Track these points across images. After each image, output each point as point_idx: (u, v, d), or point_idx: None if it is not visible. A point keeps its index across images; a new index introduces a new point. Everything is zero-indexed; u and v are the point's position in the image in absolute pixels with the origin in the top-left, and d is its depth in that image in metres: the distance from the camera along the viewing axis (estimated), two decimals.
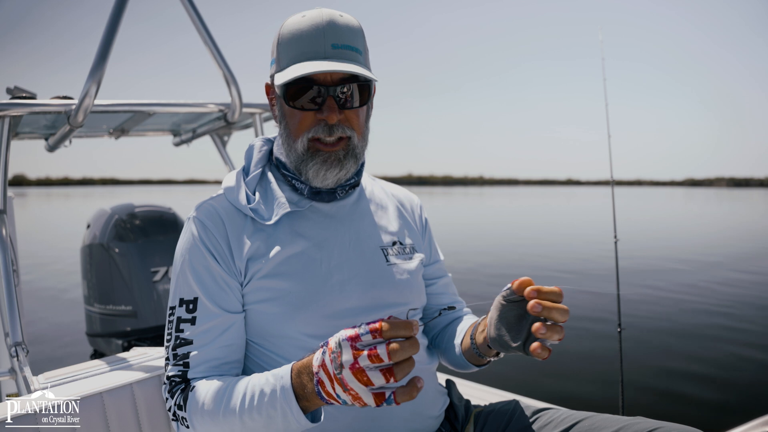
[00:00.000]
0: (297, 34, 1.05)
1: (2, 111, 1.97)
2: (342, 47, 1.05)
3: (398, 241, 1.22)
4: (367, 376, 0.76)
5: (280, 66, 1.08)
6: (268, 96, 1.19)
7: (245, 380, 0.95)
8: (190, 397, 0.98)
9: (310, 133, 1.07)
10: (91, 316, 3.45)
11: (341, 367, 0.78)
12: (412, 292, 1.19)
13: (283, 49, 1.07)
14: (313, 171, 1.09)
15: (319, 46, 1.04)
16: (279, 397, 0.88)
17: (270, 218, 1.10)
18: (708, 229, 20.99)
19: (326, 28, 1.04)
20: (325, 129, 1.06)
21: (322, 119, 1.06)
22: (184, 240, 1.09)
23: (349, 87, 1.06)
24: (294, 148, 1.09)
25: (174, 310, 1.05)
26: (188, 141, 3.17)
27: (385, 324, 0.76)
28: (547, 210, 36.36)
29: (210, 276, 1.05)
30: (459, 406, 1.24)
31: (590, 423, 1.08)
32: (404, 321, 0.77)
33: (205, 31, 2.33)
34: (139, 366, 1.43)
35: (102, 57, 1.95)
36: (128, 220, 3.38)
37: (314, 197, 1.14)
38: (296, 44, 1.05)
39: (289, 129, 1.10)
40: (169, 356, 1.04)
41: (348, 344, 0.77)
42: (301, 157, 1.09)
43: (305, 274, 1.08)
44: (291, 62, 1.05)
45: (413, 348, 0.76)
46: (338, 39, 1.05)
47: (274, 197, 1.12)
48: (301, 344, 1.06)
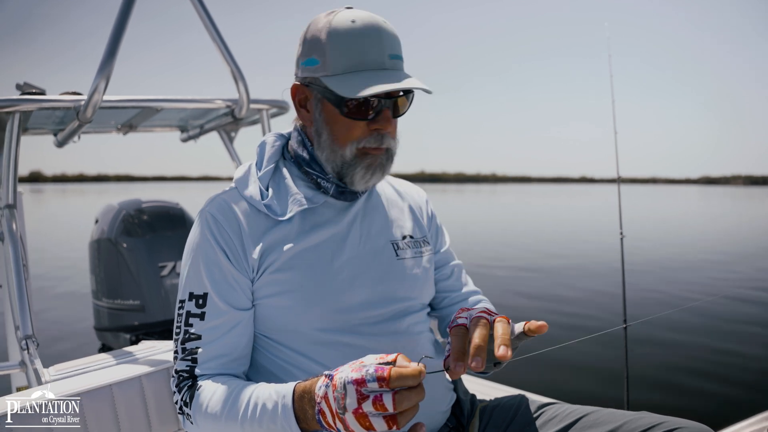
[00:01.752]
0: (353, 39, 1.02)
1: (12, 107, 1.99)
2: (396, 58, 1.06)
3: (408, 235, 1.23)
4: (369, 422, 0.76)
5: (330, 70, 1.04)
6: (294, 97, 1.14)
7: (250, 389, 0.96)
8: (195, 397, 1.00)
9: (360, 143, 1.07)
10: (99, 310, 3.48)
11: (344, 410, 0.78)
12: (421, 287, 1.20)
13: (337, 54, 1.03)
14: (359, 176, 1.09)
15: (380, 57, 1.03)
16: (280, 415, 0.89)
17: (284, 214, 1.10)
18: (720, 226, 20.87)
19: (382, 36, 1.03)
20: (377, 139, 1.07)
21: (375, 129, 1.06)
22: (196, 234, 1.10)
23: (404, 98, 1.08)
24: (340, 155, 1.09)
25: (184, 304, 1.06)
26: (196, 137, 3.18)
27: (393, 373, 0.75)
28: (558, 208, 36.25)
29: (220, 272, 1.06)
30: (465, 401, 1.25)
31: (595, 417, 1.08)
32: (412, 369, 0.75)
33: (212, 27, 2.34)
34: (148, 359, 1.45)
35: (111, 53, 1.96)
36: (136, 215, 3.40)
37: (339, 196, 1.14)
38: (354, 52, 1.02)
39: (334, 135, 1.08)
40: (177, 349, 1.06)
41: (353, 388, 0.77)
42: (348, 162, 1.09)
43: (316, 268, 1.08)
44: (348, 70, 1.03)
45: (419, 396, 0.76)
46: (393, 49, 1.05)
47: (288, 193, 1.12)
48: (312, 338, 1.07)
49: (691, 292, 7.91)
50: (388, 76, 1.02)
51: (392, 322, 1.13)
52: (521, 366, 4.88)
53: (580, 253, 12.34)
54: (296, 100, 1.14)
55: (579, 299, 7.38)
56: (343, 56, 1.02)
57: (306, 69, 1.08)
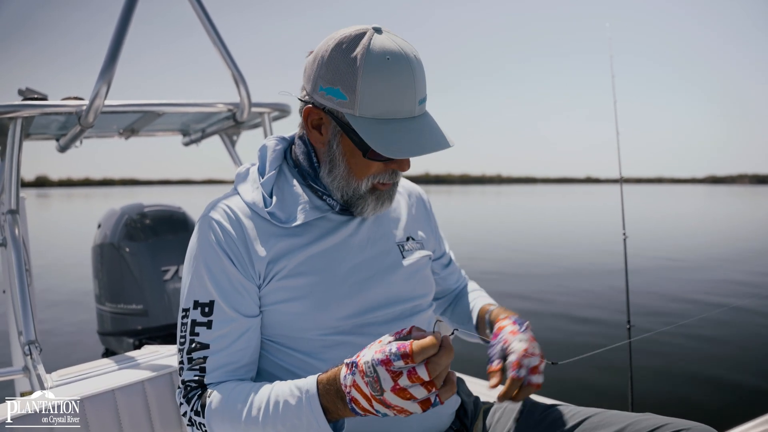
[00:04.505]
0: (388, 85, 0.95)
1: (14, 112, 1.99)
2: (423, 102, 1.01)
3: (411, 237, 1.23)
4: (409, 393, 0.78)
5: (357, 109, 0.96)
6: (306, 118, 1.06)
7: (267, 388, 0.94)
8: (208, 404, 0.97)
9: (376, 178, 1.06)
10: (103, 314, 3.49)
11: (382, 391, 0.79)
12: (428, 285, 1.22)
13: (369, 98, 0.95)
14: (370, 207, 1.09)
15: (410, 105, 0.97)
16: (305, 408, 0.87)
17: (289, 221, 1.07)
18: (724, 226, 20.81)
19: (414, 81, 0.97)
20: (392, 176, 1.07)
21: (393, 167, 1.05)
22: (199, 240, 1.06)
23: None
24: (354, 188, 1.07)
25: (188, 312, 1.03)
26: (197, 141, 3.19)
27: (415, 347, 0.77)
28: (564, 208, 36.20)
29: (227, 279, 1.03)
30: (468, 403, 1.25)
31: (599, 419, 1.08)
32: (429, 338, 0.78)
33: (213, 30, 2.34)
34: (151, 364, 1.44)
35: (112, 58, 1.96)
36: (138, 219, 3.41)
37: (343, 213, 1.13)
38: (387, 97, 0.95)
39: (351, 169, 1.05)
40: (183, 360, 1.02)
41: (384, 369, 0.79)
42: (360, 195, 1.08)
43: (325, 274, 1.07)
44: (379, 115, 0.96)
45: (449, 357, 0.79)
46: (422, 92, 0.99)
47: (295, 201, 1.09)
48: (322, 343, 1.06)
49: (701, 293, 7.88)
50: (418, 127, 0.98)
51: (401, 322, 1.13)
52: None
53: (583, 253, 12.31)
54: (308, 121, 1.06)
55: (582, 302, 7.35)
56: (375, 102, 0.95)
57: (328, 98, 0.99)
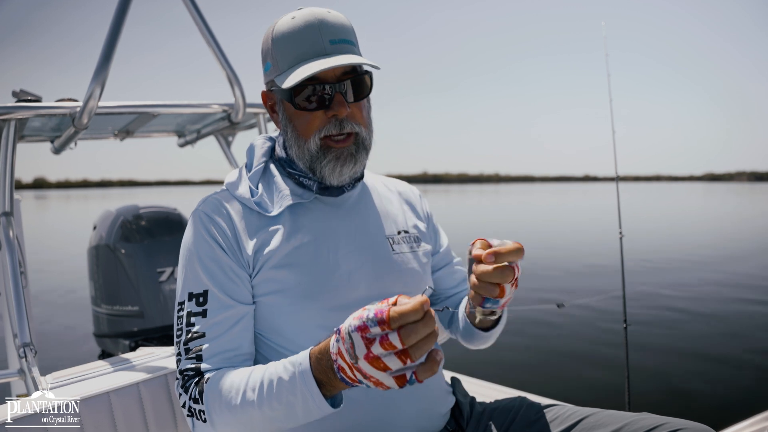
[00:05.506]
0: (292, 35, 1.05)
1: (8, 114, 1.98)
2: (339, 42, 1.06)
3: (403, 230, 1.23)
4: (383, 362, 0.74)
5: (279, 69, 1.08)
6: (265, 103, 1.19)
7: (261, 369, 0.94)
8: (206, 389, 0.96)
9: (321, 132, 1.07)
10: (99, 316, 3.47)
11: (356, 358, 0.76)
12: (418, 281, 1.20)
13: (280, 52, 1.07)
14: (328, 168, 1.09)
15: (318, 44, 1.05)
16: (299, 383, 0.86)
17: (273, 209, 1.10)
18: (722, 224, 20.88)
19: (321, 25, 1.05)
20: (336, 125, 1.07)
21: (332, 115, 1.06)
22: (191, 233, 1.09)
23: (353, 80, 1.07)
24: (306, 149, 1.09)
25: (183, 305, 1.04)
26: (193, 142, 3.18)
27: (392, 312, 0.72)
28: (561, 206, 36.25)
29: (219, 267, 1.05)
30: (464, 403, 1.24)
31: (596, 419, 1.08)
32: (412, 304, 0.73)
33: (207, 31, 2.33)
34: (145, 366, 1.44)
35: (105, 59, 1.96)
36: (134, 221, 3.40)
37: (322, 192, 1.14)
38: (294, 45, 1.05)
39: (298, 130, 1.10)
40: (180, 351, 1.03)
41: (358, 336, 0.75)
42: (315, 156, 1.09)
43: (313, 265, 1.08)
44: (292, 64, 1.06)
45: (426, 327, 0.72)
46: (334, 34, 1.06)
47: (278, 189, 1.13)
48: (310, 335, 1.05)
49: (700, 293, 7.90)
50: (333, 60, 1.03)
51: None
52: (521, 365, 4.88)
53: (580, 252, 12.33)
54: (267, 107, 1.19)
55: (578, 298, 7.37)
56: (285, 52, 1.06)
57: (266, 75, 1.13)
